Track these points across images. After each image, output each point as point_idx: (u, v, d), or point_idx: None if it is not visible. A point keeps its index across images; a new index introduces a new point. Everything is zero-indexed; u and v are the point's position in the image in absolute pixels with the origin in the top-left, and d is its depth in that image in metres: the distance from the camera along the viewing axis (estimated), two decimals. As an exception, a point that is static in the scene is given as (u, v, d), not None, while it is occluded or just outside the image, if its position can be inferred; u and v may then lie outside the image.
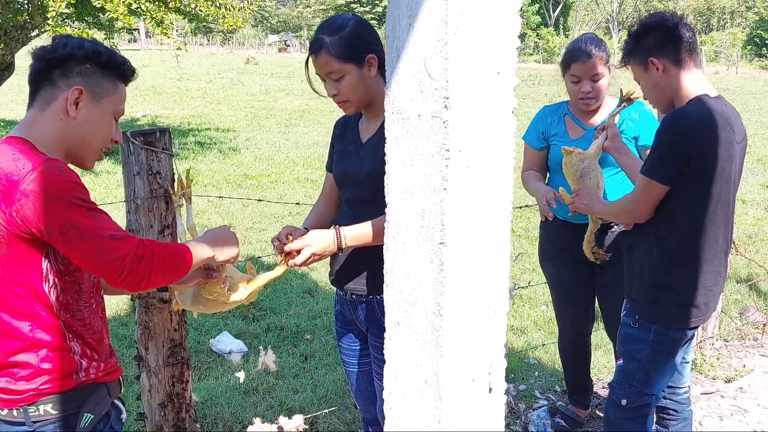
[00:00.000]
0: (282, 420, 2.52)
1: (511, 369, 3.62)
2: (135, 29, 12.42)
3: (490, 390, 1.52)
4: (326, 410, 3.21)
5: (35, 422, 1.51)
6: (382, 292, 1.55)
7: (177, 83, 21.77)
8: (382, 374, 1.59)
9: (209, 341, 4.03)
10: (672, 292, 2.18)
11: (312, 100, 18.15)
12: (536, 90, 18.55)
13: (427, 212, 1.41)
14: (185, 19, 10.43)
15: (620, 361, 2.32)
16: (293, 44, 58.29)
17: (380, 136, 1.98)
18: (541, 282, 4.89)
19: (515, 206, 2.23)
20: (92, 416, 1.56)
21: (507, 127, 1.40)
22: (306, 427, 2.67)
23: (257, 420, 2.52)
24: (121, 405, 1.71)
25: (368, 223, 1.96)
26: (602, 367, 3.72)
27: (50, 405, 1.51)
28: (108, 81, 1.59)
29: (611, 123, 2.42)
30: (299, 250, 1.92)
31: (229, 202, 7.14)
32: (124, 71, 1.62)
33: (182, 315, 2.32)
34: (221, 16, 10.04)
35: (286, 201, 6.96)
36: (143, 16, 8.91)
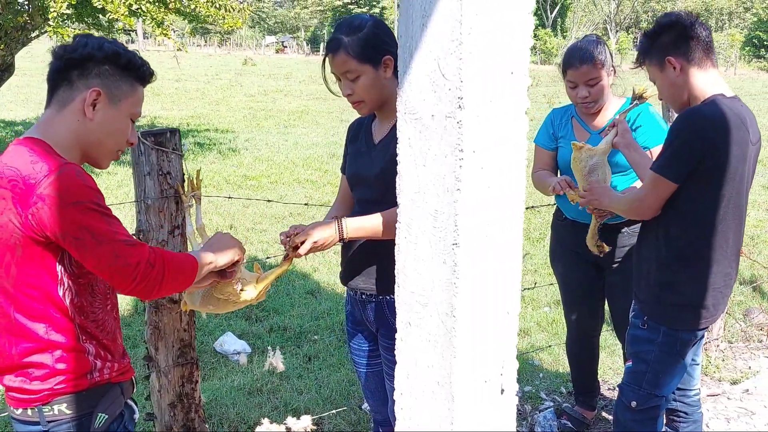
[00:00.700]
0: (290, 420, 2.52)
1: (517, 370, 3.61)
2: (133, 30, 12.40)
3: (502, 391, 1.53)
4: (332, 411, 3.20)
5: (50, 422, 1.51)
6: (392, 293, 1.55)
7: (175, 84, 21.75)
8: (393, 375, 1.59)
9: (213, 342, 4.03)
10: (680, 293, 2.17)
11: (310, 101, 18.15)
12: (534, 91, 18.59)
13: (440, 213, 1.41)
14: (185, 20, 10.43)
15: (629, 363, 2.31)
16: (290, 45, 58.29)
17: (392, 137, 1.99)
18: (544, 284, 4.90)
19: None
20: (106, 416, 1.56)
21: (520, 128, 1.41)
22: (313, 428, 2.67)
23: (265, 420, 2.52)
24: (134, 405, 1.71)
25: (374, 215, 1.96)
26: (608, 369, 3.72)
27: (65, 405, 1.51)
28: (126, 83, 1.58)
29: (621, 120, 2.40)
30: (303, 242, 1.92)
31: (230, 203, 7.13)
32: (143, 73, 1.61)
33: (192, 315, 2.32)
34: (221, 17, 10.04)
35: (291, 202, 6.95)
36: (143, 17, 8.90)
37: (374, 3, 62.78)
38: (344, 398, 3.39)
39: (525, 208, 1.50)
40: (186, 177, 2.21)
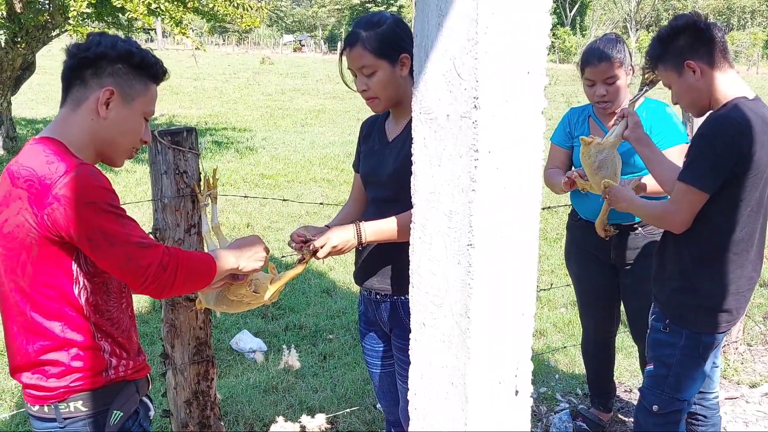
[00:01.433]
0: (305, 419, 2.52)
1: (532, 372, 3.59)
2: (152, 29, 12.50)
3: (517, 393, 1.52)
4: (347, 410, 3.21)
5: (65, 419, 1.52)
6: (406, 293, 1.55)
7: (193, 83, 21.89)
8: (406, 376, 1.59)
9: (229, 339, 4.05)
10: (703, 297, 2.13)
11: (327, 100, 18.18)
12: (553, 90, 18.45)
13: (455, 213, 1.40)
14: (203, 19, 10.49)
15: (650, 366, 2.28)
16: (308, 44, 58.45)
17: (405, 136, 1.98)
18: (560, 284, 4.87)
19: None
20: (121, 413, 1.57)
21: (536, 128, 1.39)
22: (328, 426, 2.68)
23: (280, 419, 2.53)
24: (149, 402, 1.72)
25: (391, 219, 1.96)
26: (624, 371, 3.68)
27: (80, 402, 1.53)
28: (139, 82, 1.58)
29: (631, 111, 2.31)
30: (322, 246, 1.93)
31: (248, 202, 7.16)
32: (156, 72, 1.61)
33: (207, 313, 2.33)
34: (239, 16, 10.09)
35: (308, 201, 6.97)
36: (162, 16, 8.97)
37: (392, 2, 62.75)
38: (359, 397, 3.39)
39: (542, 209, 1.48)
40: (202, 176, 2.22)
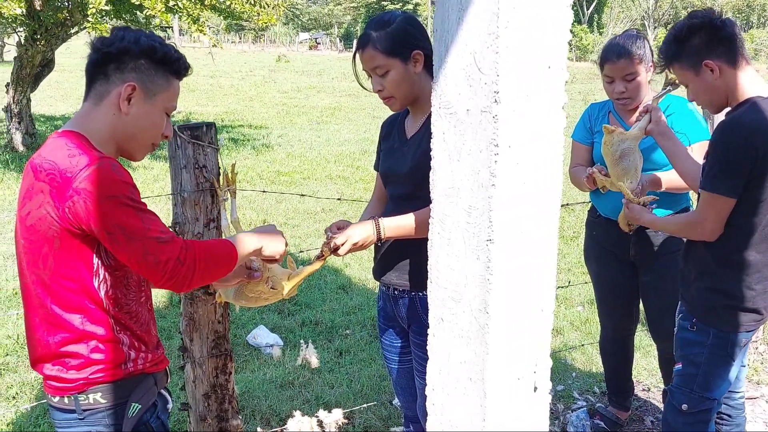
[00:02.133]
0: (322, 413, 2.53)
1: (550, 369, 3.58)
2: (169, 27, 12.57)
3: (535, 389, 1.51)
4: (363, 405, 3.21)
5: (85, 410, 1.54)
6: (425, 289, 1.54)
7: (210, 80, 22.00)
8: (423, 372, 1.58)
9: (245, 335, 4.07)
10: (730, 297, 2.11)
11: (343, 98, 18.19)
12: (570, 88, 18.34)
13: (474, 208, 1.39)
14: (220, 17, 10.53)
15: (678, 365, 2.26)
16: (324, 42, 58.50)
17: (423, 133, 1.98)
18: (577, 282, 4.84)
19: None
20: (139, 406, 1.58)
21: (557, 123, 1.38)
22: (345, 421, 2.68)
23: (297, 413, 2.54)
24: (168, 395, 1.73)
25: (410, 215, 1.97)
26: (642, 369, 3.66)
27: (99, 394, 1.54)
28: (161, 77, 1.59)
29: (654, 106, 2.31)
30: (343, 243, 1.94)
31: (264, 198, 7.19)
32: (178, 68, 1.62)
33: (226, 307, 2.34)
34: (255, 13, 10.13)
35: (324, 197, 6.98)
36: (179, 13, 9.02)
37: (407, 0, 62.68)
38: (375, 393, 3.40)
39: (560, 206, 1.47)
40: (221, 171, 2.24)
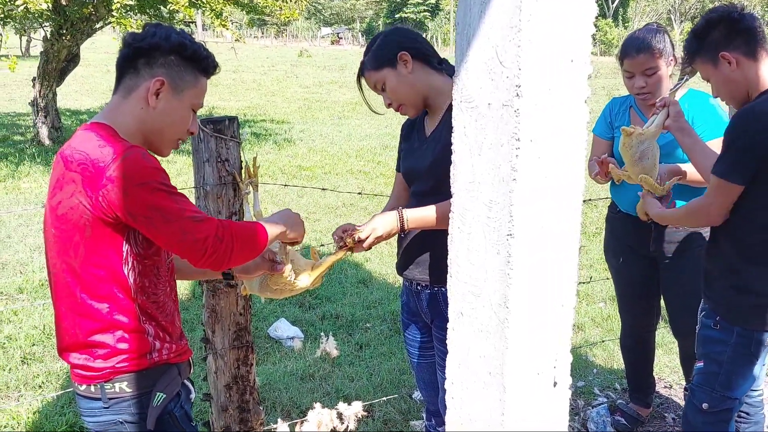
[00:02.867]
0: (341, 406, 2.55)
1: (570, 365, 3.56)
2: (192, 22, 12.67)
3: (555, 384, 1.51)
4: (383, 398, 3.23)
5: (110, 399, 1.57)
6: (446, 283, 1.54)
7: (233, 75, 22.13)
8: (445, 366, 1.59)
9: (266, 327, 4.11)
10: (755, 294, 2.09)
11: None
12: (594, 83, 18.16)
13: (495, 203, 1.39)
14: (242, 11, 10.60)
15: (700, 364, 2.24)
16: (346, 37, 58.55)
17: (442, 128, 2.00)
18: (599, 278, 4.80)
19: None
20: (164, 395, 1.61)
21: (579, 117, 1.38)
22: (365, 414, 2.70)
23: (317, 405, 2.56)
24: (191, 385, 1.76)
25: (432, 207, 1.98)
26: (664, 367, 3.63)
27: (125, 383, 1.57)
28: (190, 74, 1.62)
29: (673, 100, 2.28)
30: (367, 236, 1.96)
31: (285, 192, 7.24)
32: (207, 65, 1.64)
33: (248, 300, 2.37)
34: (278, 8, 10.17)
35: (345, 191, 7.01)
36: (203, 8, 9.08)
37: (429, -6, 62.43)
38: (395, 387, 3.41)
39: (582, 201, 1.47)
40: (243, 165, 2.26)
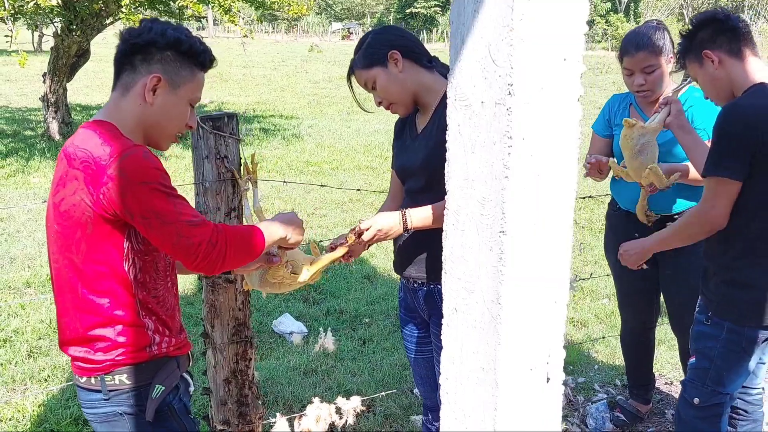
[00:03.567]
0: (340, 400, 2.57)
1: (570, 361, 3.58)
2: (203, 17, 12.71)
3: (548, 380, 1.52)
4: (383, 393, 3.25)
5: (110, 390, 1.60)
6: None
7: (243, 70, 22.18)
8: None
9: (271, 322, 4.14)
10: (746, 290, 2.10)
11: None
12: (603, 78, 18.05)
13: (488, 200, 1.41)
14: (251, 7, 10.62)
15: (692, 359, 2.26)
16: (356, 32, 58.49)
17: (432, 125, 2.01)
18: (603, 275, 4.80)
19: (578, 197, 2.20)
20: (163, 387, 1.63)
21: (572, 115, 1.39)
22: (363, 409, 2.73)
23: (316, 399, 2.58)
24: (190, 378, 1.79)
25: (436, 205, 1.98)
26: (665, 363, 3.63)
27: (125, 375, 1.60)
28: (186, 69, 1.63)
29: (674, 98, 2.32)
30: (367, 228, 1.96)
31: (292, 188, 7.27)
32: (203, 60, 1.65)
33: (246, 295, 2.39)
34: (286, 4, 10.19)
35: (348, 187, 7.03)
36: (212, 4, 9.11)
37: (439, -12, 62.27)
38: (396, 382, 3.43)
39: (588, 198, 1.48)
40: (242, 161, 2.28)
